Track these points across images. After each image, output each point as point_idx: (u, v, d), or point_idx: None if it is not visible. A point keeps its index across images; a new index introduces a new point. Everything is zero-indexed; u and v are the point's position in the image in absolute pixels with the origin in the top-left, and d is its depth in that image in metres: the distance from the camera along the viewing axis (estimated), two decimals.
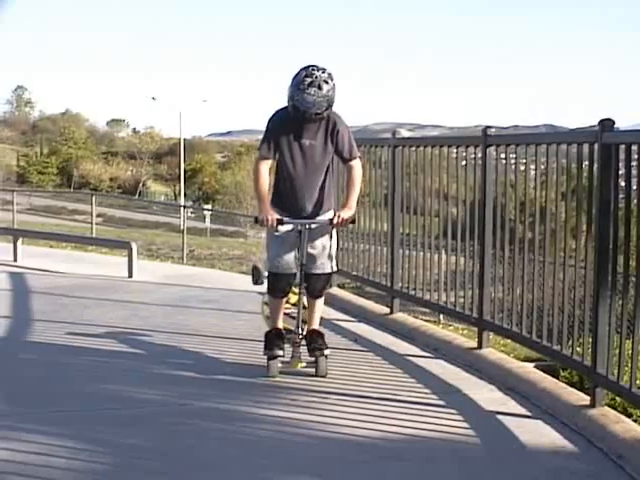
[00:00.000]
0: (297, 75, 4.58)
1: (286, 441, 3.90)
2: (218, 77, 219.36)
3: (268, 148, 4.79)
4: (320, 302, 5.01)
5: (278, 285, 4.88)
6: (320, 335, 4.94)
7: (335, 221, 4.79)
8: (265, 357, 4.91)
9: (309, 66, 4.60)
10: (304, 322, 4.97)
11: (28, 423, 4.03)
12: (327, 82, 4.56)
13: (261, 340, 4.97)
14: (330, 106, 4.62)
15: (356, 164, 4.87)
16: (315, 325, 4.99)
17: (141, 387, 4.72)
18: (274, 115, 4.81)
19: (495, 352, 5.39)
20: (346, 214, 4.79)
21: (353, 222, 5.06)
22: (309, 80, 4.53)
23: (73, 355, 5.49)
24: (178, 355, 5.45)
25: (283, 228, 4.83)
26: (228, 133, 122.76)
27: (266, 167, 4.84)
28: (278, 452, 3.74)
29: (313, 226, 4.83)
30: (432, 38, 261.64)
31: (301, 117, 4.62)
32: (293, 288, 4.99)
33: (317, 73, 4.55)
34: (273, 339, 4.91)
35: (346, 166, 4.94)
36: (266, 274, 5.11)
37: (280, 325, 4.99)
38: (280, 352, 4.88)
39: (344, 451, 3.76)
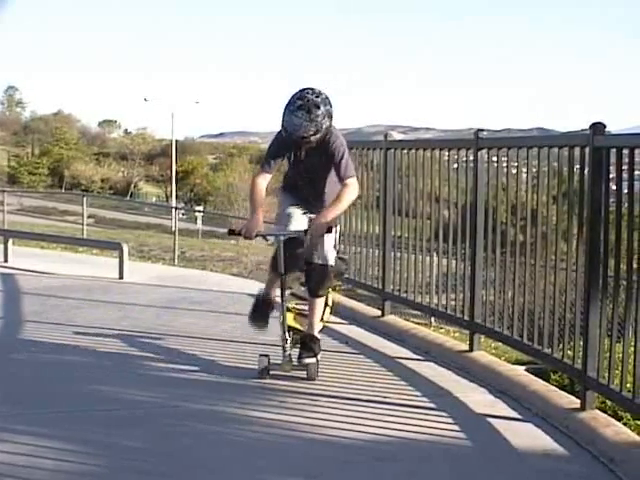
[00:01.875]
0: (292, 96, 4.55)
1: (280, 443, 3.90)
2: (211, 78, 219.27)
3: (269, 165, 4.77)
4: (317, 304, 4.94)
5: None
6: (313, 340, 4.89)
7: (309, 233, 4.69)
8: (257, 357, 4.90)
9: (305, 89, 4.56)
10: (292, 328, 4.95)
11: (20, 424, 4.02)
12: (318, 107, 4.50)
13: (253, 342, 4.98)
14: (318, 131, 4.53)
15: (350, 182, 4.74)
16: (312, 329, 4.95)
17: (133, 388, 4.71)
18: (278, 133, 4.76)
19: (486, 355, 5.40)
20: (320, 223, 4.63)
21: (329, 231, 4.95)
22: (299, 103, 4.49)
23: (65, 356, 5.47)
24: (170, 356, 5.44)
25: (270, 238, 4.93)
26: (220, 134, 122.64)
27: (263, 180, 4.77)
28: (273, 453, 3.74)
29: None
30: (425, 40, 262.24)
31: (291, 139, 4.58)
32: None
33: (309, 97, 4.51)
34: (260, 307, 4.95)
35: (340, 183, 4.86)
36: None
37: (271, 295, 5.00)
38: (264, 325, 4.93)
39: (335, 453, 3.76)
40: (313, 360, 4.83)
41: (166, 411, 4.36)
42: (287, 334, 4.85)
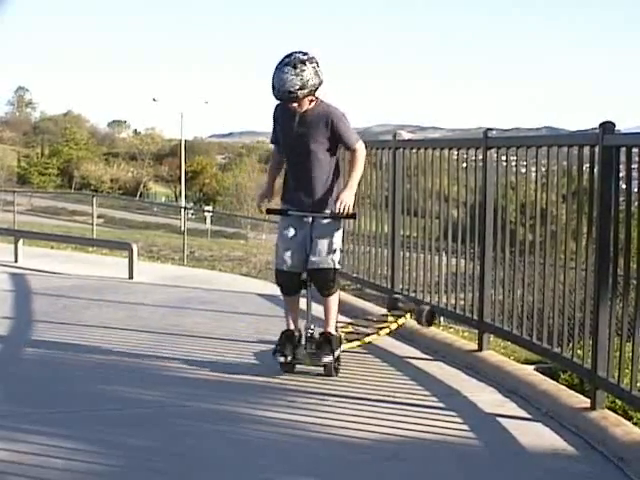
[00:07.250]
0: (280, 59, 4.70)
1: (286, 442, 3.90)
2: (220, 78, 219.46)
3: (274, 135, 4.99)
4: (330, 302, 4.97)
5: (283, 283, 4.95)
6: (329, 341, 4.90)
7: (337, 209, 4.72)
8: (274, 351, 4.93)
9: (293, 51, 4.70)
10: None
11: (28, 423, 4.03)
12: (304, 63, 4.62)
13: (262, 342, 4.98)
14: (305, 87, 4.62)
15: (360, 146, 4.90)
16: (329, 327, 4.98)
17: (141, 388, 4.72)
18: (276, 105, 4.92)
19: (495, 354, 5.39)
20: (346, 196, 4.74)
21: (353, 217, 5.07)
22: (287, 60, 4.64)
23: (74, 356, 5.48)
24: (179, 356, 5.44)
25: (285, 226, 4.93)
26: (229, 134, 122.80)
27: (278, 154, 5.05)
28: (278, 453, 3.74)
29: (315, 220, 4.86)
30: (433, 39, 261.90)
31: (279, 97, 4.69)
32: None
33: (296, 54, 4.65)
34: (283, 342, 4.90)
35: (349, 152, 5.04)
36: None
37: (292, 326, 4.99)
38: (285, 358, 4.86)
39: (344, 452, 3.75)
40: (330, 359, 4.86)
41: (174, 410, 4.36)
42: (304, 329, 4.94)
